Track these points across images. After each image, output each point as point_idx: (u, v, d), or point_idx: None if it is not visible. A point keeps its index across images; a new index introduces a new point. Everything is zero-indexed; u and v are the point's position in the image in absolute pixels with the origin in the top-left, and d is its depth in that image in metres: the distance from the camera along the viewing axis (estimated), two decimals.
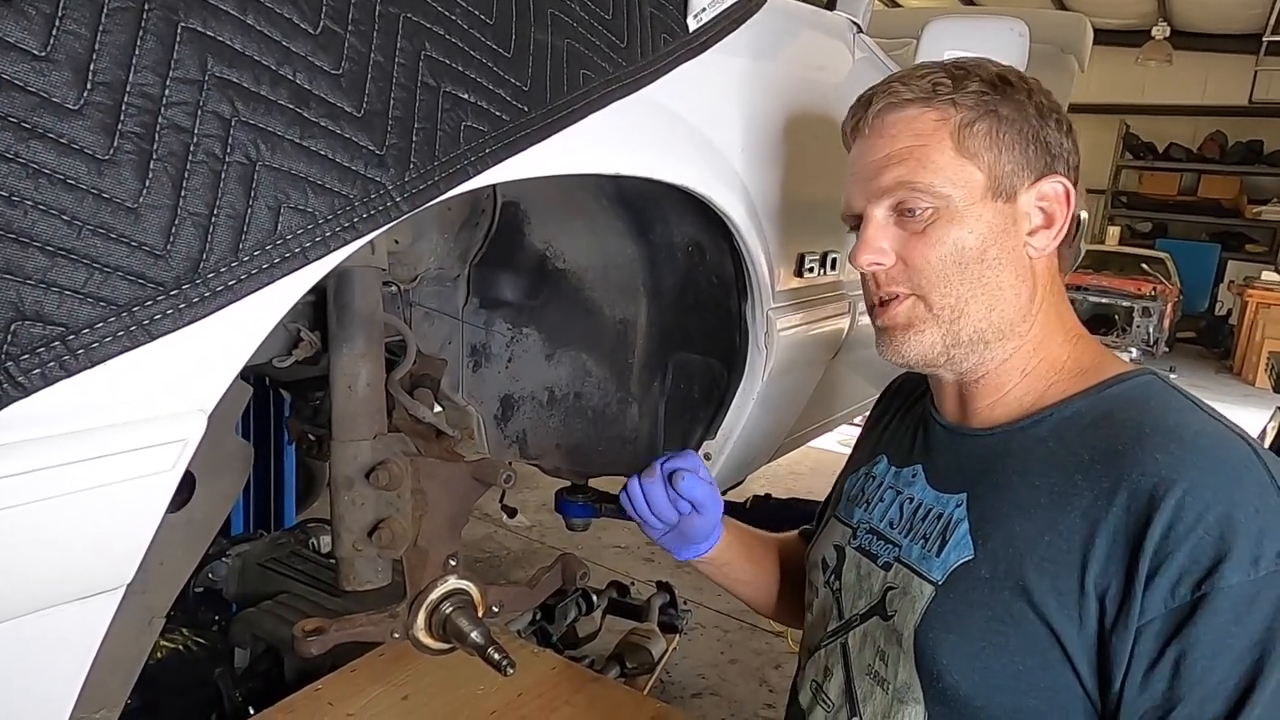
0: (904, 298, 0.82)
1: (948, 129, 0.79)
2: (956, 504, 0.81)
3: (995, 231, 0.79)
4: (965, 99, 0.79)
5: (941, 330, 0.81)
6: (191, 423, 0.55)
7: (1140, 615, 0.66)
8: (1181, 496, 0.66)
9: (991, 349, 0.81)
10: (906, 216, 0.80)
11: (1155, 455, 0.70)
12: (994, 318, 0.80)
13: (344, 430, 0.91)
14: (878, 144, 0.82)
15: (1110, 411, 0.76)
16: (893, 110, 0.81)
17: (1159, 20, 8.74)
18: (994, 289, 0.79)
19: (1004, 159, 0.79)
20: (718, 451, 1.29)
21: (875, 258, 0.81)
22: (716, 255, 1.19)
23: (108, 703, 0.94)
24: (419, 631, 0.93)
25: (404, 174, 0.62)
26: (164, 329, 0.51)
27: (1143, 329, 7.33)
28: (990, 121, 0.79)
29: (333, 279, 0.91)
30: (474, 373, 1.39)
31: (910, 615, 0.80)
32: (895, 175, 0.80)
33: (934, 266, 0.79)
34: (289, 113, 0.55)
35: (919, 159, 0.79)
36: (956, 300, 0.80)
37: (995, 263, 0.79)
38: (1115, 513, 0.69)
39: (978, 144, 0.78)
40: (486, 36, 0.68)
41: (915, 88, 0.80)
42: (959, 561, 0.78)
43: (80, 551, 0.52)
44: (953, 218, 0.79)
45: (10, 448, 0.47)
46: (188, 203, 0.51)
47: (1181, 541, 0.65)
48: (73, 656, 0.55)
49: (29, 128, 0.45)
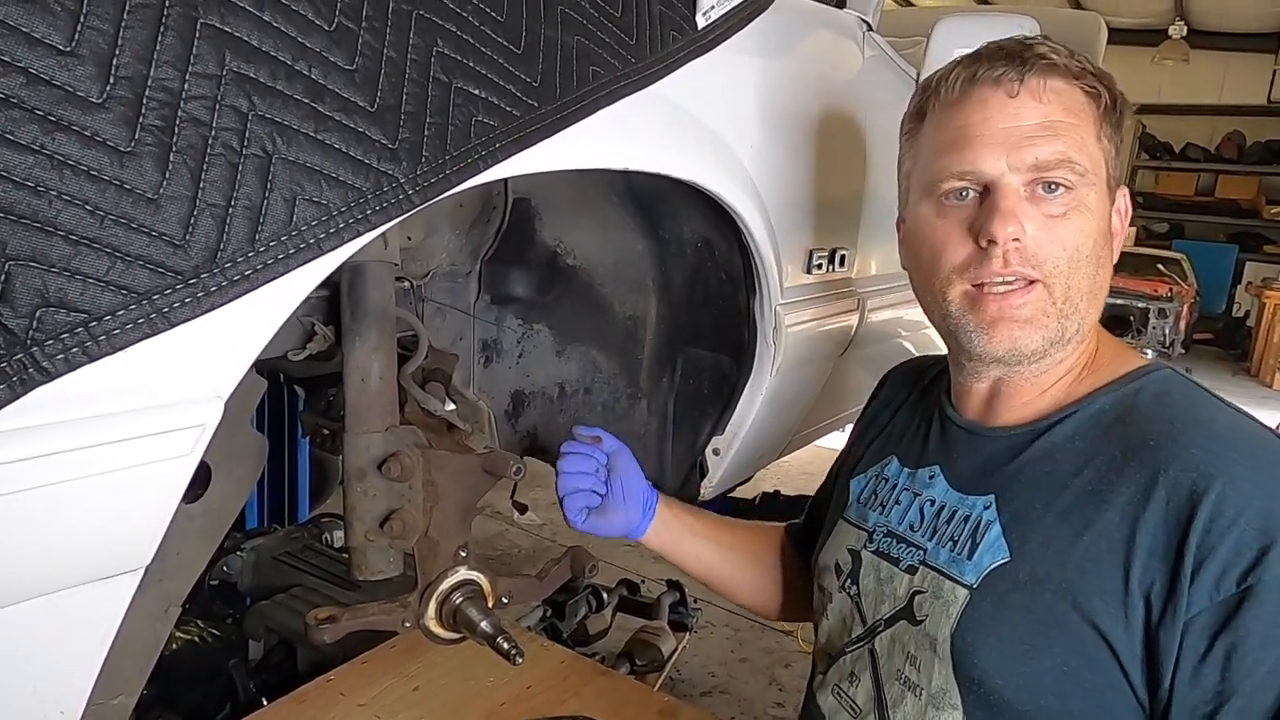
0: (1029, 286, 0.74)
1: (1093, 113, 0.75)
2: (985, 505, 0.79)
3: (1106, 234, 0.77)
4: (1104, 89, 0.75)
5: (1059, 324, 0.76)
6: (209, 409, 0.56)
7: (1187, 610, 0.66)
8: (1222, 490, 0.66)
9: (1069, 349, 0.78)
10: (1042, 195, 0.74)
11: (1190, 450, 0.69)
12: (1088, 321, 0.77)
13: (357, 422, 0.93)
14: (1030, 106, 0.73)
15: (1135, 406, 0.76)
16: (1050, 75, 0.74)
17: (1176, 19, 8.66)
18: (1100, 287, 0.77)
19: (1113, 160, 0.77)
20: (726, 447, 1.30)
21: (1018, 232, 0.73)
22: (726, 252, 1.20)
23: (125, 689, 0.95)
24: (429, 621, 0.94)
25: (416, 167, 0.63)
26: (182, 316, 0.52)
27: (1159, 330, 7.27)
28: (1111, 120, 0.76)
29: (346, 274, 0.93)
30: (485, 368, 1.41)
31: (944, 620, 0.78)
32: (1056, 149, 0.73)
33: (1068, 254, 0.74)
34: (304, 107, 0.57)
35: (1077, 138, 0.73)
36: (1076, 294, 0.75)
37: (1105, 261, 0.77)
38: (1155, 508, 0.69)
39: (1108, 137, 0.76)
40: (497, 33, 0.69)
41: (1067, 61, 0.74)
42: (993, 564, 0.76)
43: (102, 532, 0.54)
44: (1089, 207, 0.74)
45: (37, 430, 0.49)
46: (206, 194, 0.52)
47: (1225, 535, 0.65)
48: (95, 635, 0.57)
49: (54, 120, 0.47)
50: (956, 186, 0.77)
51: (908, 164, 0.85)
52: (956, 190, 0.77)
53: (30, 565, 0.52)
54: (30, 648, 0.54)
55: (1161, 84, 9.66)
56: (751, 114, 1.09)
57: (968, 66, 0.76)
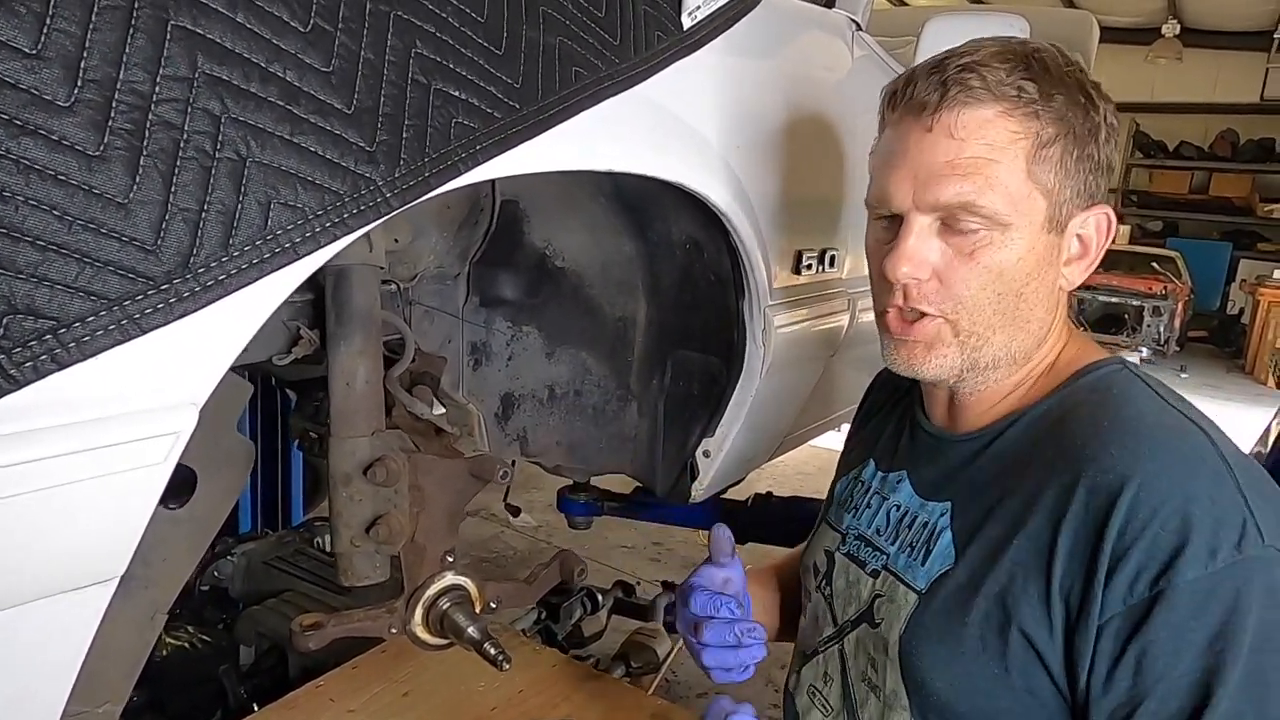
0: (931, 318, 0.76)
1: (1024, 146, 0.71)
2: (941, 512, 0.81)
3: (1040, 264, 0.74)
4: (1049, 111, 0.71)
5: (963, 355, 0.77)
6: (183, 416, 0.55)
7: (1100, 613, 0.66)
8: (1136, 491, 0.66)
9: (1000, 371, 0.79)
10: (954, 233, 0.73)
11: (1110, 450, 0.69)
12: (1014, 347, 0.77)
13: (342, 427, 0.92)
14: (941, 143, 0.72)
15: (1075, 406, 0.76)
16: (967, 108, 0.71)
17: (1169, 18, 8.69)
18: (1022, 321, 0.76)
19: (1066, 186, 0.73)
20: (716, 448, 1.30)
21: (914, 271, 0.74)
22: (714, 253, 1.19)
23: (111, 697, 0.95)
24: (416, 627, 0.94)
25: (394, 170, 0.62)
26: (155, 323, 0.52)
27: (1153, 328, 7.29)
28: (1065, 144, 0.72)
29: (330, 277, 0.92)
30: (474, 371, 1.40)
31: (895, 623, 0.80)
32: (957, 191, 0.71)
33: (972, 293, 0.74)
34: (279, 109, 0.56)
35: (987, 177, 0.70)
36: (984, 329, 0.75)
37: (1032, 296, 0.75)
38: (1075, 510, 0.69)
39: (1048, 168, 0.72)
40: (478, 34, 0.69)
41: (996, 86, 0.70)
42: (941, 570, 0.78)
43: (73, 543, 0.53)
44: (1004, 246, 0.72)
45: (4, 440, 0.48)
46: (178, 198, 0.52)
47: (1138, 537, 0.65)
48: (67, 648, 0.56)
49: (20, 124, 0.46)
50: (878, 212, 0.79)
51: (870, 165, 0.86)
52: (879, 216, 0.79)
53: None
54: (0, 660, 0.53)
55: (1155, 82, 9.69)
56: (738, 115, 1.08)
57: (906, 84, 0.75)
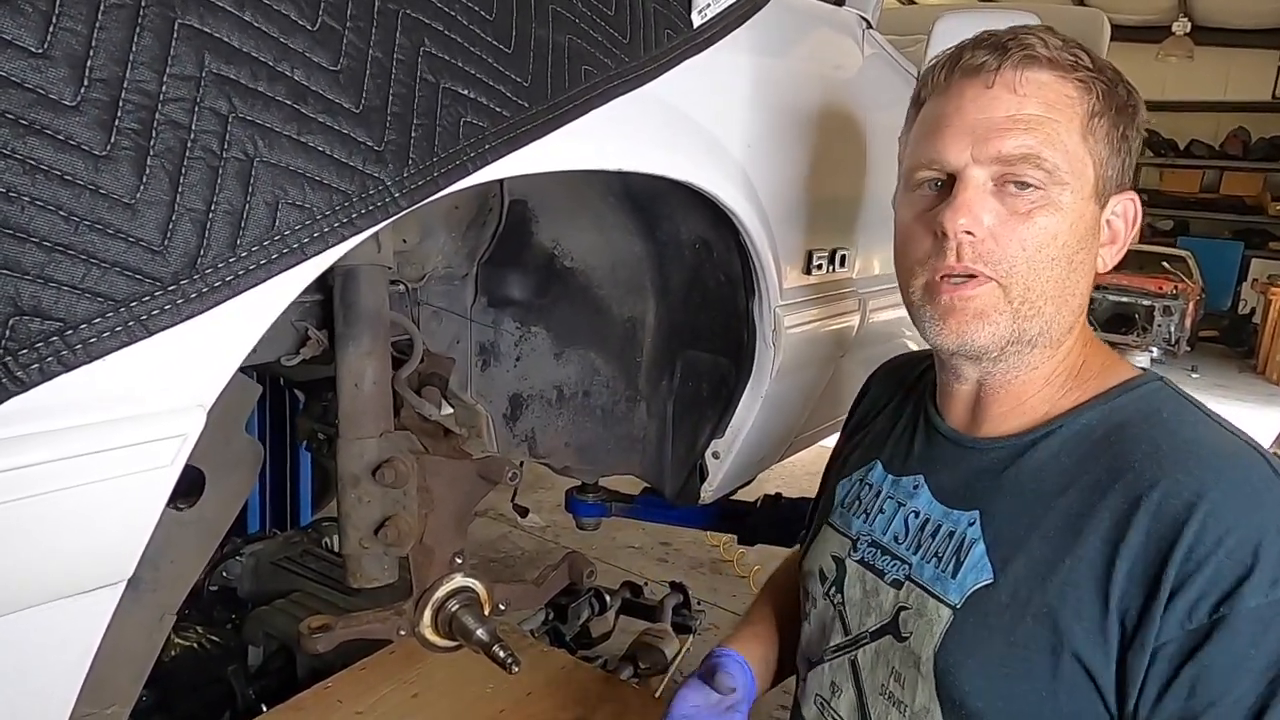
0: (983, 280, 0.73)
1: (1081, 110, 0.72)
2: (969, 522, 0.79)
3: (1088, 234, 0.74)
4: (1100, 83, 0.73)
5: (1015, 324, 0.74)
6: (190, 418, 0.55)
7: (1157, 637, 0.66)
8: (1204, 519, 0.65)
9: (1036, 353, 0.77)
10: (1011, 191, 0.72)
11: (1175, 475, 0.68)
12: (1058, 322, 0.75)
13: (350, 428, 0.92)
14: (1003, 99, 0.72)
15: (1122, 424, 0.74)
16: (1029, 67, 0.71)
17: (1179, 15, 8.63)
18: (1070, 293, 0.75)
19: (1111, 162, 0.74)
20: (726, 450, 1.29)
21: (971, 225, 0.72)
22: (724, 253, 1.18)
23: (119, 699, 0.94)
24: (425, 629, 0.93)
25: (402, 170, 0.62)
26: (162, 324, 0.51)
27: (1164, 328, 7.23)
28: (1114, 118, 0.73)
29: (339, 277, 0.92)
30: (482, 372, 1.40)
31: (928, 639, 0.78)
32: (1022, 143, 0.71)
33: (1029, 254, 0.72)
34: (287, 109, 0.55)
35: (1049, 133, 0.71)
36: (1037, 296, 0.73)
37: (1080, 267, 0.74)
38: (1135, 536, 0.68)
39: (1100, 136, 0.73)
40: (486, 32, 0.68)
41: (1055, 51, 0.72)
42: (976, 585, 0.76)
43: (80, 546, 0.53)
44: (1060, 208, 0.72)
45: (9, 442, 0.48)
46: (185, 199, 0.51)
47: (1203, 564, 0.64)
48: (74, 651, 0.56)
49: (26, 124, 0.46)
50: (926, 176, 0.77)
51: (901, 151, 0.85)
52: (928, 180, 0.77)
53: (5, 581, 0.50)
54: (6, 665, 0.53)
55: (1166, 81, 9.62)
56: (748, 113, 1.07)
57: (954, 54, 0.76)
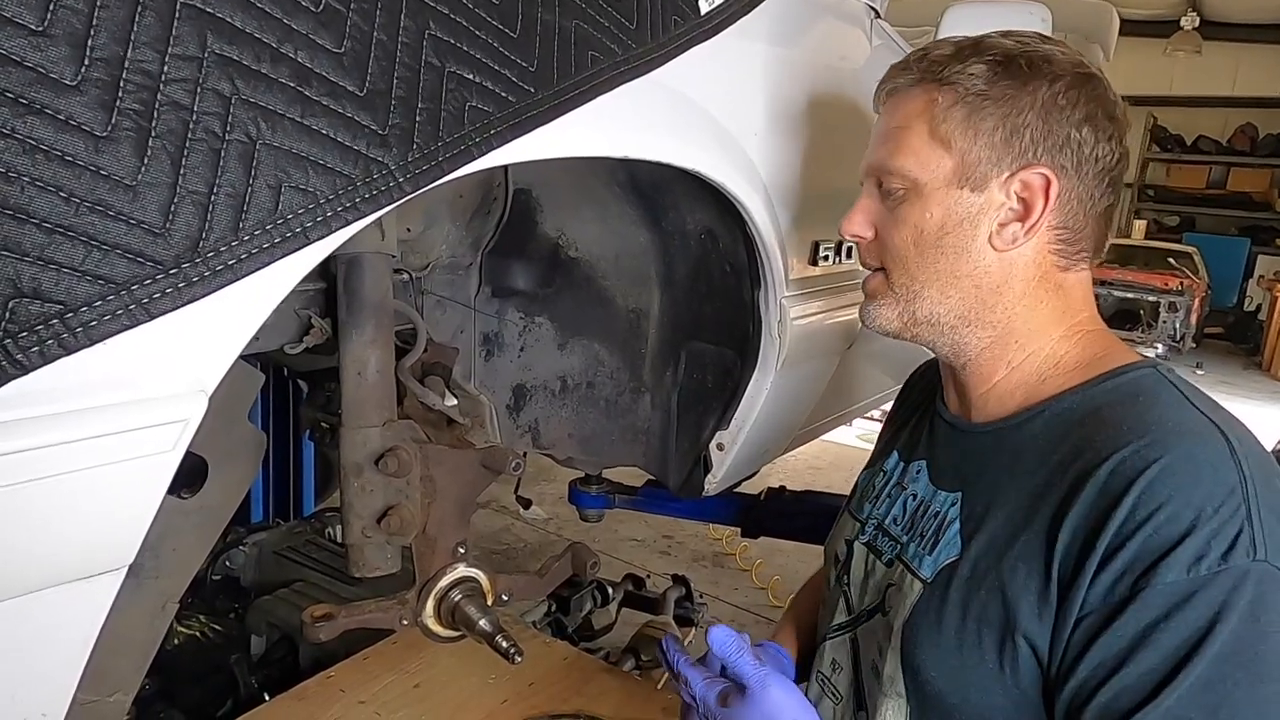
0: (875, 273, 0.86)
1: (930, 113, 0.79)
2: (951, 502, 0.81)
3: (955, 219, 0.79)
4: (957, 79, 0.78)
5: (899, 307, 0.83)
6: (192, 403, 0.54)
7: (1081, 606, 0.66)
8: (1142, 491, 0.65)
9: (959, 334, 0.81)
10: (886, 195, 0.83)
11: (1122, 451, 0.68)
12: (950, 304, 0.81)
13: (353, 417, 0.91)
14: (880, 121, 0.85)
15: (1099, 407, 0.74)
16: (895, 92, 0.83)
17: (1188, 10, 8.58)
18: (949, 276, 0.80)
19: (978, 145, 0.77)
20: (730, 442, 1.28)
21: (853, 230, 0.86)
22: (730, 243, 1.18)
23: (122, 686, 0.94)
24: (428, 619, 0.93)
25: (407, 154, 0.61)
26: (163, 308, 0.51)
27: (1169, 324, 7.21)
28: (970, 107, 0.77)
29: (342, 265, 0.91)
30: (486, 362, 1.39)
31: (900, 611, 0.81)
32: (878, 156, 0.83)
33: (895, 246, 0.82)
34: (290, 91, 0.55)
35: (897, 142, 0.81)
36: (911, 281, 0.81)
37: (953, 250, 0.79)
38: (1079, 508, 0.68)
39: (951, 129, 0.78)
40: (492, 16, 0.67)
41: (917, 67, 0.81)
42: (947, 560, 0.78)
43: (80, 531, 0.52)
44: (916, 200, 0.80)
45: (9, 425, 0.47)
46: (187, 181, 0.50)
47: (1133, 536, 0.64)
48: (76, 637, 0.55)
49: (26, 103, 0.45)
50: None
51: None
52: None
53: (5, 565, 0.50)
54: (7, 649, 0.53)
55: (1173, 76, 9.57)
56: (756, 102, 1.06)
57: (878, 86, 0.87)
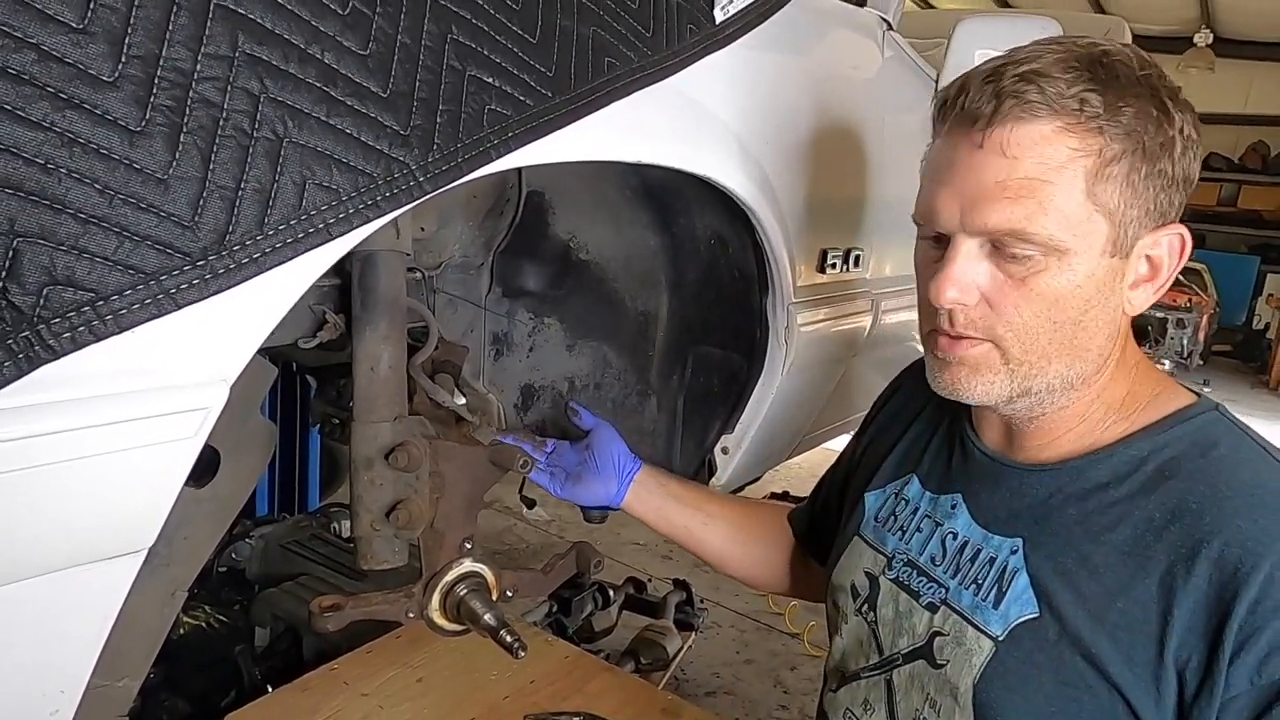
0: (977, 341, 0.72)
1: (1084, 166, 0.65)
2: (1011, 550, 0.76)
3: (1101, 290, 0.69)
4: (1114, 125, 0.65)
5: (1013, 382, 0.72)
6: (214, 392, 0.56)
7: (1226, 690, 0.64)
8: (1270, 570, 0.63)
9: (1056, 398, 0.74)
10: (1005, 258, 0.68)
11: (1236, 521, 0.66)
12: (1071, 374, 0.72)
13: (365, 411, 0.93)
14: (992, 162, 0.67)
15: (1177, 458, 0.71)
16: (1022, 124, 0.65)
17: (1202, 27, 8.57)
18: (1080, 350, 0.71)
19: (1134, 206, 0.67)
20: (735, 446, 1.30)
21: (961, 297, 0.70)
22: (739, 249, 1.19)
23: (130, 672, 0.96)
24: (433, 612, 0.94)
25: (427, 154, 0.62)
26: (189, 298, 0.52)
27: (1176, 341, 7.20)
28: (1132, 161, 0.66)
29: (358, 262, 0.93)
30: (495, 361, 1.41)
31: (967, 669, 0.76)
32: (1007, 216, 0.66)
33: (1024, 320, 0.69)
34: (316, 91, 0.56)
35: (1041, 201, 0.65)
36: (1039, 357, 0.71)
37: (1091, 324, 0.70)
38: (1196, 583, 0.66)
39: (1112, 189, 0.66)
40: (512, 22, 0.69)
41: (1056, 100, 0.65)
42: (1020, 618, 0.74)
43: (105, 513, 0.54)
44: (1060, 272, 0.67)
45: (42, 409, 0.49)
46: (216, 176, 0.52)
47: (1270, 617, 0.63)
48: (96, 616, 0.57)
49: (65, 98, 0.47)
50: (924, 230, 0.75)
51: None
52: (927, 235, 0.75)
53: (32, 544, 0.52)
54: (31, 627, 0.54)
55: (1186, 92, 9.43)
56: (767, 110, 1.08)
57: (959, 92, 0.70)
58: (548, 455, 1.13)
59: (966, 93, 0.69)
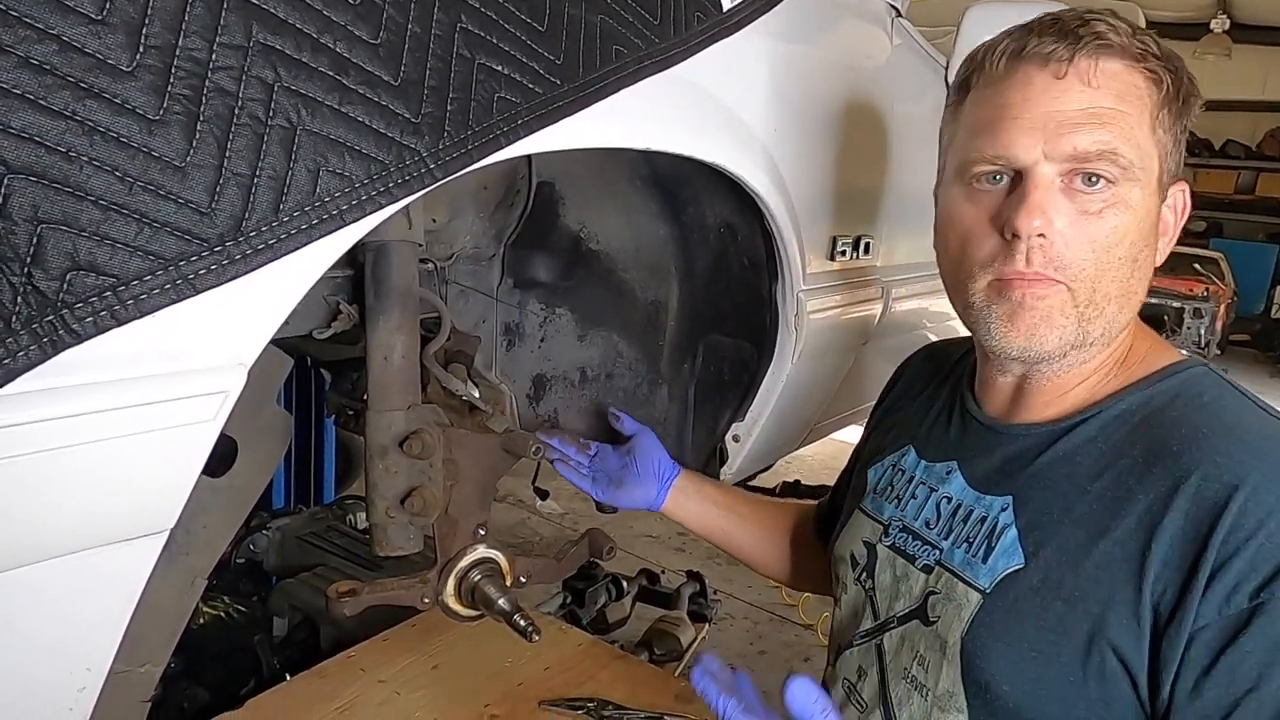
0: (1051, 283, 0.70)
1: (1150, 101, 0.69)
2: (1001, 507, 0.78)
3: (1152, 229, 0.71)
4: (1169, 72, 0.69)
5: (1079, 328, 0.72)
6: (232, 376, 0.57)
7: (1194, 621, 0.64)
8: (1244, 501, 0.64)
9: (1088, 352, 0.74)
10: (1079, 188, 0.69)
11: (1215, 458, 0.67)
12: (1118, 321, 0.73)
13: (379, 400, 0.94)
14: (1077, 91, 0.68)
15: (1161, 408, 0.72)
16: (1104, 55, 0.68)
17: (1218, 13, 8.47)
18: (1133, 291, 0.72)
19: (1173, 153, 0.71)
20: (746, 433, 1.30)
21: (1045, 227, 0.68)
22: (748, 237, 1.19)
23: (152, 658, 0.97)
24: (448, 597, 0.95)
25: (438, 142, 0.63)
26: (208, 284, 0.53)
27: (1194, 330, 7.14)
28: (1179, 108, 0.70)
29: (370, 253, 0.94)
30: (507, 352, 1.42)
31: (956, 622, 0.77)
32: (1098, 138, 0.67)
33: (1097, 256, 0.69)
34: (329, 79, 0.57)
35: (1124, 127, 0.67)
36: (1102, 298, 0.71)
37: (1144, 262, 0.72)
38: (1174, 517, 0.66)
39: (1166, 128, 0.70)
40: (521, 10, 0.70)
41: (1125, 38, 0.68)
42: (1007, 569, 0.75)
43: (126, 494, 0.55)
44: (1130, 205, 0.68)
45: (65, 391, 0.50)
46: (232, 163, 0.53)
47: (1243, 547, 0.63)
48: (119, 596, 0.58)
49: (85, 87, 0.48)
50: (988, 170, 0.73)
51: (946, 138, 0.81)
52: (988, 174, 0.73)
53: (56, 524, 0.53)
54: (56, 606, 0.56)
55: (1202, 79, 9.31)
56: (776, 98, 1.08)
57: (1017, 39, 0.71)
58: (590, 459, 1.15)
59: (1030, 39, 0.70)
